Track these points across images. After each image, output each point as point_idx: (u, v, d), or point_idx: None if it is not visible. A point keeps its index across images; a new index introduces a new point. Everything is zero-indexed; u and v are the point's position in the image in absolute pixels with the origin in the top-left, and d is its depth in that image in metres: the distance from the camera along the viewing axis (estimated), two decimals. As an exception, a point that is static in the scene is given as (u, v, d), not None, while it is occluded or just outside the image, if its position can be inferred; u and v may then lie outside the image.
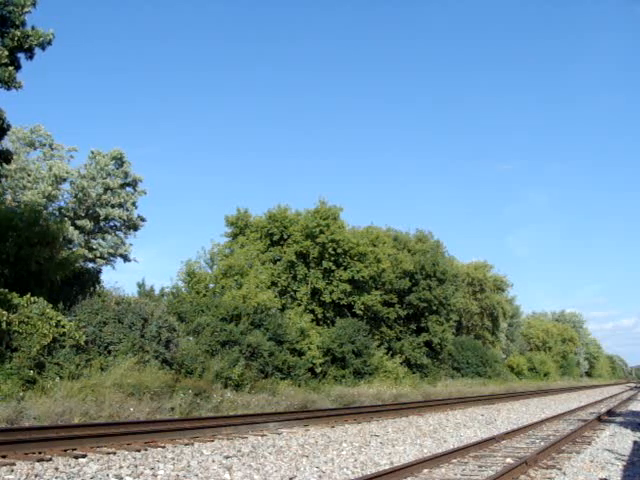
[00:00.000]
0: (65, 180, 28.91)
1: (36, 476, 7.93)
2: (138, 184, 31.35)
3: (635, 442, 14.00)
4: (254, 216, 35.37)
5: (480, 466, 10.24)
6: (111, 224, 30.61)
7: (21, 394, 13.90)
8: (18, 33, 16.37)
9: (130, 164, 31.06)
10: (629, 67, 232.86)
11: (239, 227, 34.79)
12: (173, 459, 9.66)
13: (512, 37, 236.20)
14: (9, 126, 17.70)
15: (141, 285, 26.01)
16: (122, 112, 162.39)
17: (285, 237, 33.29)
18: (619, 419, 20.82)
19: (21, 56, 16.99)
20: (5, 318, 15.43)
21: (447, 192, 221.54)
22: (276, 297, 29.03)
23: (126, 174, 30.81)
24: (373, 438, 13.53)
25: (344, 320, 31.79)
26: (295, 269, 32.22)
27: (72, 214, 28.89)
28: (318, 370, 28.11)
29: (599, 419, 19.83)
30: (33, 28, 16.87)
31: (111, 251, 29.75)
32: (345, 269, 32.54)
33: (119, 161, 30.69)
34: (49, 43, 17.07)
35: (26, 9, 16.59)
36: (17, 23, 16.52)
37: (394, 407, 21.48)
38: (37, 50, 17.07)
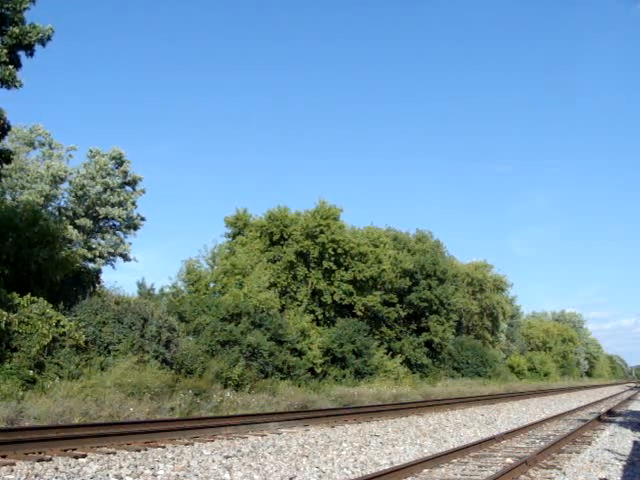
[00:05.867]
0: (64, 179, 28.87)
1: (36, 476, 7.92)
2: (138, 183, 31.32)
3: (635, 442, 13.99)
4: (253, 216, 35.40)
5: (480, 466, 10.23)
6: (111, 223, 30.58)
7: (21, 394, 13.91)
8: (17, 30, 16.30)
9: (129, 163, 31.04)
10: (629, 67, 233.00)
11: (238, 227, 34.78)
12: (173, 459, 9.66)
13: (512, 37, 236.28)
14: (9, 126, 17.65)
15: (141, 285, 26.01)
16: (122, 112, 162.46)
17: (285, 237, 33.27)
18: (619, 419, 20.81)
19: (21, 54, 16.94)
20: (5, 318, 15.43)
21: (447, 192, 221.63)
22: (276, 297, 29.02)
23: (125, 173, 30.77)
24: (373, 438, 13.53)
25: (344, 320, 31.79)
26: (295, 269, 32.20)
27: (71, 213, 28.88)
28: (318, 370, 28.10)
29: (599, 419, 19.82)
30: (32, 25, 16.81)
31: (111, 250, 29.72)
32: (346, 269, 32.52)
33: (118, 160, 30.66)
34: (49, 39, 16.99)
35: (25, 5, 16.53)
36: (16, 20, 16.46)
37: (394, 407, 21.47)
38: (37, 47, 17.01)
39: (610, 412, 23.58)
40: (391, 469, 8.90)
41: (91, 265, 26.76)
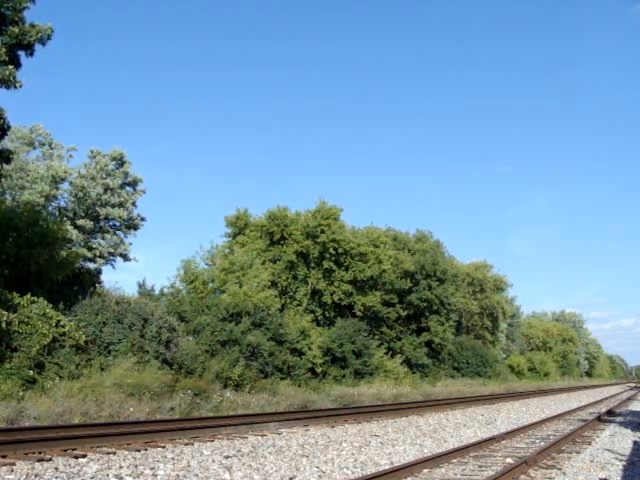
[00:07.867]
0: (64, 180, 28.85)
1: (36, 476, 7.92)
2: (138, 184, 31.30)
3: (635, 442, 13.99)
4: (254, 216, 35.42)
5: (480, 466, 10.23)
6: (111, 223, 30.55)
7: (21, 394, 13.91)
8: (16, 30, 16.27)
9: (130, 164, 31.02)
10: (629, 67, 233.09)
11: (238, 227, 34.78)
12: (173, 459, 9.66)
13: (512, 37, 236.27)
14: (9, 126, 17.63)
15: (142, 285, 26.03)
16: (122, 112, 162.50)
17: (285, 236, 33.28)
18: (619, 419, 20.80)
19: (21, 54, 16.89)
20: (5, 318, 15.43)
21: (447, 192, 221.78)
22: (276, 297, 29.00)
23: (126, 174, 30.75)
24: (373, 438, 13.53)
25: (344, 320, 31.79)
26: (295, 269, 32.19)
27: (72, 214, 28.86)
28: (318, 370, 28.10)
29: (599, 419, 19.81)
30: (32, 24, 16.77)
31: (111, 250, 29.70)
32: (346, 269, 32.52)
33: (119, 161, 30.64)
34: (48, 38, 16.92)
35: (24, 4, 16.50)
36: (15, 19, 16.43)
37: (394, 407, 21.47)
38: (37, 47, 16.94)
39: (610, 412, 23.58)
40: (391, 469, 8.90)
41: (91, 265, 26.76)
